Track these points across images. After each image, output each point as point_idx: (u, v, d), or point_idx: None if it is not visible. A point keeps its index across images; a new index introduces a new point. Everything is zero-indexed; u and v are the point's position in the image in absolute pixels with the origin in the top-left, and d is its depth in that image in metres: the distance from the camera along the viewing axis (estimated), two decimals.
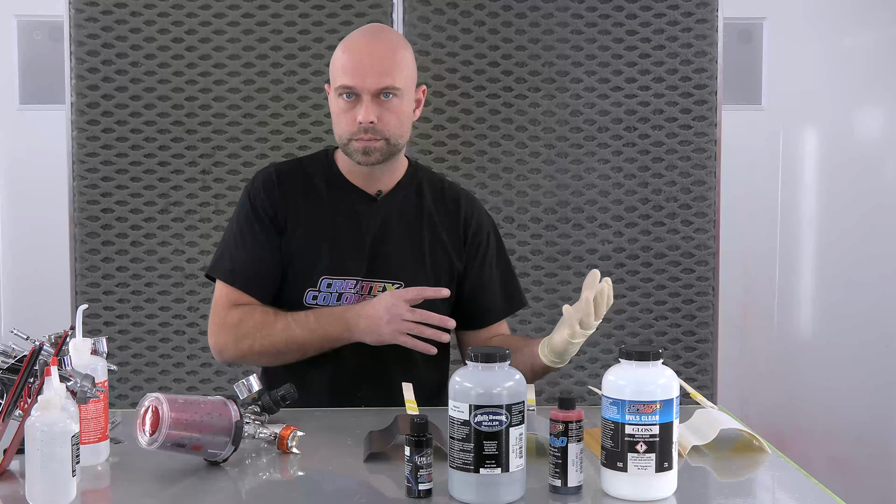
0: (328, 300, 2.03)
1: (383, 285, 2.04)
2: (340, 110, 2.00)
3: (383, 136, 1.99)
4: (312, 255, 2.05)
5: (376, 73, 1.97)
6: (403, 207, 2.10)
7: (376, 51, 2.00)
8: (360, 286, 2.04)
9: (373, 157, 2.01)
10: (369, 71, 1.97)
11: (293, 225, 2.06)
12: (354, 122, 1.98)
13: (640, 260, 2.88)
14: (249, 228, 2.07)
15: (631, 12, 2.85)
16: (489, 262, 2.16)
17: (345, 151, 2.04)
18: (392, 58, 2.00)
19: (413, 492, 1.45)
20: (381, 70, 1.97)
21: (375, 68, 1.97)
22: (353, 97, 1.98)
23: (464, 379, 1.44)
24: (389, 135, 2.00)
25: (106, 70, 2.78)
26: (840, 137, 3.57)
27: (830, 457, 3.46)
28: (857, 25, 3.55)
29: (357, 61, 1.98)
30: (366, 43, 2.02)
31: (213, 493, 1.52)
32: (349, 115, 1.99)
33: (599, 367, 2.87)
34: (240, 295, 2.06)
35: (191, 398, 1.59)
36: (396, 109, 2.00)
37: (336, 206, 2.08)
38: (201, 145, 2.81)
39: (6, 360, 1.55)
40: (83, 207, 2.80)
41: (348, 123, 1.99)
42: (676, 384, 1.46)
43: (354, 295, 2.03)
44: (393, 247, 2.07)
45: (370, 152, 2.00)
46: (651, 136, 2.86)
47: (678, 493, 1.47)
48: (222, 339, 2.05)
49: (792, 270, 3.60)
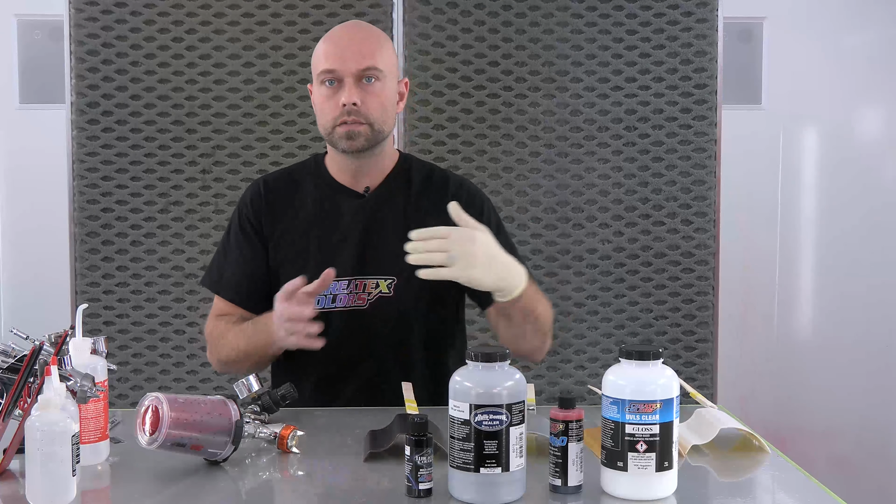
0: (323, 303, 2.01)
1: (376, 282, 2.04)
2: (323, 98, 2.00)
3: (367, 121, 1.98)
4: (302, 260, 2.04)
5: (358, 54, 1.97)
6: (391, 201, 2.09)
7: (357, 36, 2.02)
8: (353, 285, 2.03)
9: (357, 142, 1.99)
10: (351, 54, 1.97)
11: (281, 233, 2.07)
12: (337, 106, 1.97)
13: (639, 260, 2.88)
14: (236, 241, 2.10)
15: (631, 12, 2.85)
16: None
17: (330, 142, 2.03)
18: (374, 42, 2.01)
19: (413, 491, 1.45)
20: (362, 52, 1.98)
21: (356, 51, 1.98)
22: (335, 83, 1.98)
23: (464, 378, 1.43)
24: (373, 119, 1.98)
25: (106, 69, 2.78)
26: (840, 137, 3.58)
27: (830, 456, 3.47)
28: (857, 25, 3.56)
29: (338, 46, 1.99)
30: (346, 30, 2.04)
31: (212, 493, 1.51)
32: (332, 100, 1.98)
33: (599, 366, 2.87)
34: (227, 305, 2.10)
35: (191, 398, 1.59)
36: (379, 93, 1.99)
37: (323, 207, 2.08)
38: (201, 145, 2.81)
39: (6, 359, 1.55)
40: (83, 207, 2.80)
41: (331, 109, 1.98)
42: (677, 384, 1.46)
43: (348, 295, 2.03)
44: (382, 242, 2.05)
45: (354, 136, 1.98)
46: (651, 135, 2.86)
47: (678, 493, 1.47)
48: (207, 352, 2.14)
49: (792, 270, 3.60)
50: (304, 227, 2.07)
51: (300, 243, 2.06)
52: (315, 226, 2.07)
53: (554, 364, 2.88)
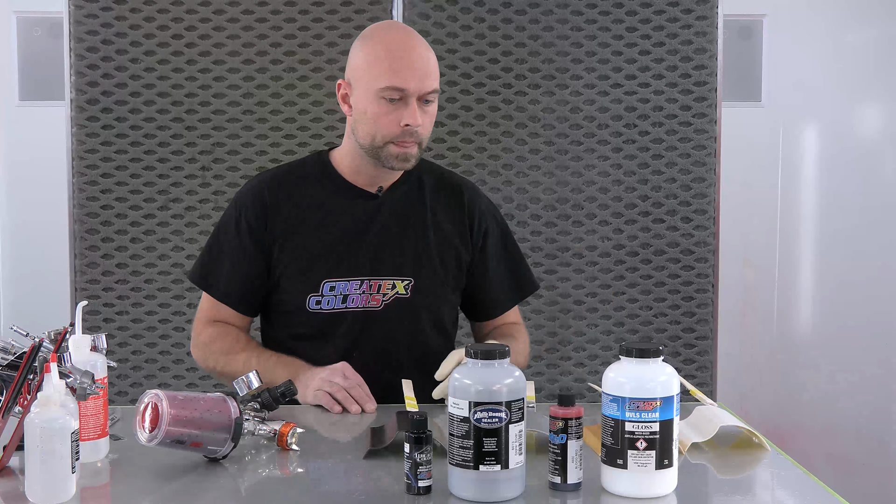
0: (332, 303, 2.01)
1: (392, 283, 2.03)
2: (382, 112, 1.94)
3: (419, 141, 1.97)
4: (311, 260, 2.02)
5: (424, 75, 1.93)
6: (406, 201, 2.08)
7: (422, 53, 1.96)
8: (367, 285, 2.01)
9: (409, 163, 1.99)
10: (418, 73, 1.92)
11: (287, 234, 2.04)
12: (397, 124, 1.93)
13: (639, 256, 2.88)
14: (233, 240, 2.06)
15: (631, 9, 2.84)
16: (494, 251, 2.15)
17: (373, 154, 1.98)
18: (432, 59, 1.97)
19: (412, 488, 1.45)
20: (428, 72, 1.94)
21: (423, 70, 1.93)
22: (397, 100, 1.93)
23: (463, 376, 1.43)
24: (424, 139, 1.98)
25: (105, 66, 2.78)
26: (840, 134, 3.58)
27: (829, 453, 3.47)
28: (857, 22, 3.55)
29: (404, 62, 1.93)
30: (410, 44, 1.96)
31: (212, 490, 1.51)
32: (392, 116, 1.93)
33: (599, 363, 2.87)
34: (220, 307, 2.08)
35: (190, 395, 1.59)
36: (432, 113, 1.99)
37: (334, 207, 2.05)
38: (201, 142, 2.81)
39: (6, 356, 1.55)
40: (83, 204, 2.80)
41: (389, 125, 1.94)
42: (677, 381, 1.46)
43: (360, 295, 2.01)
44: (398, 242, 2.05)
45: (409, 158, 1.97)
46: (651, 132, 2.86)
47: (678, 490, 1.47)
48: (195, 353, 2.15)
49: (791, 267, 3.60)
50: (312, 227, 2.04)
51: (307, 244, 2.03)
52: (324, 226, 2.04)
53: (553, 361, 2.88)
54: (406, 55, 1.94)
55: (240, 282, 2.06)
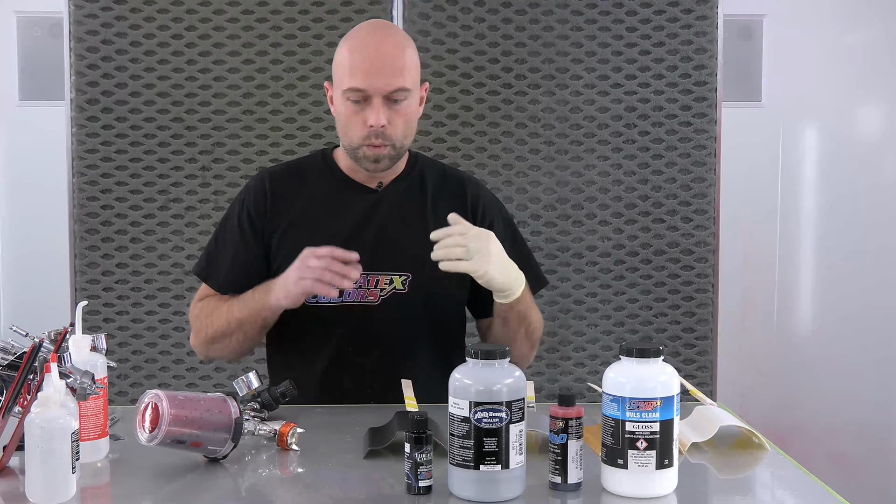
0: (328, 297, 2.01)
1: (390, 277, 2.03)
2: (349, 113, 1.96)
3: (391, 142, 1.97)
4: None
5: (387, 74, 1.92)
6: (406, 196, 2.08)
7: (385, 51, 1.95)
8: (365, 280, 2.01)
9: (382, 165, 1.99)
10: (379, 73, 1.92)
11: (286, 226, 2.05)
12: (364, 125, 1.94)
13: (639, 257, 2.88)
14: (234, 231, 2.08)
15: (631, 9, 2.85)
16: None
17: (353, 157, 2.01)
18: (401, 57, 1.95)
19: (413, 488, 1.45)
20: (391, 71, 1.93)
21: (386, 70, 1.93)
22: (361, 101, 1.94)
23: (464, 376, 1.43)
24: (397, 139, 1.97)
25: (106, 66, 2.78)
26: (840, 134, 3.58)
27: (829, 453, 3.47)
28: (857, 22, 3.55)
29: (366, 62, 1.93)
30: (373, 43, 1.96)
31: (212, 490, 1.51)
32: (358, 117, 1.95)
33: (599, 363, 2.87)
34: (213, 295, 2.09)
35: (190, 395, 1.59)
36: (405, 112, 1.97)
37: (334, 202, 2.06)
38: (201, 142, 2.81)
39: (6, 356, 1.55)
40: (83, 204, 2.80)
41: (357, 126, 1.95)
42: (677, 381, 1.46)
43: (357, 290, 2.01)
44: (397, 236, 2.05)
45: (380, 160, 1.98)
46: (651, 132, 2.86)
47: (678, 490, 1.47)
48: (191, 338, 2.12)
49: (791, 267, 3.60)
50: (312, 220, 2.05)
51: (306, 237, 2.02)
52: (324, 220, 2.05)
53: (554, 361, 2.88)
54: (366, 55, 1.94)
55: (239, 272, 2.06)
